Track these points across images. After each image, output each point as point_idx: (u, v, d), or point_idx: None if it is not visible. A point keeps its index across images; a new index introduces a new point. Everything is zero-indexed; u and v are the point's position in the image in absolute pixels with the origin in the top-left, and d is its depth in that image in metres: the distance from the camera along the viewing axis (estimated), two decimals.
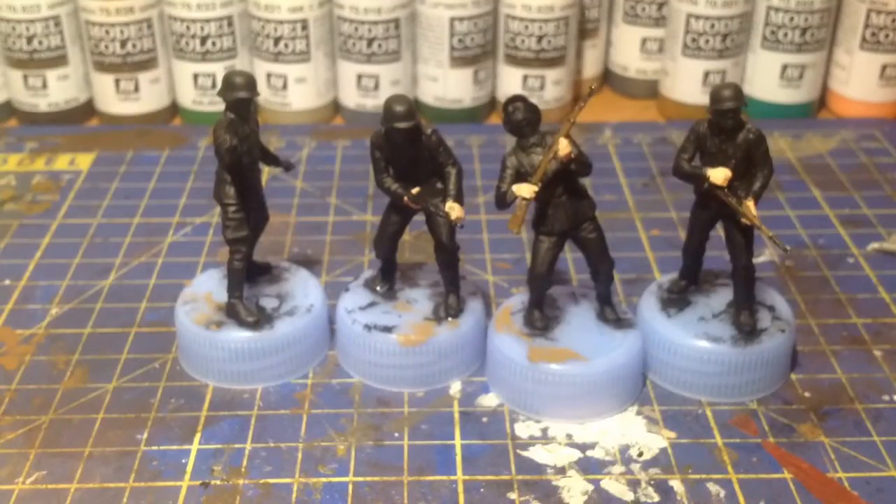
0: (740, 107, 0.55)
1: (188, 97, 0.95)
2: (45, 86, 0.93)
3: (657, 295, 0.63)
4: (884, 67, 0.96)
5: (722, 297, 0.62)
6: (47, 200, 0.81)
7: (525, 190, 0.55)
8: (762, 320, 0.61)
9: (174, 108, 0.97)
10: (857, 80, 0.97)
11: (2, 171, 0.86)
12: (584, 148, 0.57)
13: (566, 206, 0.57)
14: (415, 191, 0.59)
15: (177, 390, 0.61)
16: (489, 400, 0.60)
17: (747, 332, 0.60)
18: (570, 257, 0.71)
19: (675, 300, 0.62)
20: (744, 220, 0.57)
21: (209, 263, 0.73)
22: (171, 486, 0.53)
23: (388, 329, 0.60)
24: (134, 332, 0.66)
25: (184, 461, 0.55)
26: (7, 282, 0.71)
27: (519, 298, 0.63)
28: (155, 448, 0.56)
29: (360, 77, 0.95)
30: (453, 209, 0.57)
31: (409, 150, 0.58)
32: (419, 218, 0.62)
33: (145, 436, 0.57)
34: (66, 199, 0.82)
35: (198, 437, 0.57)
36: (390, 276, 0.64)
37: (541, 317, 0.60)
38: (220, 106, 0.93)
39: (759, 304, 0.62)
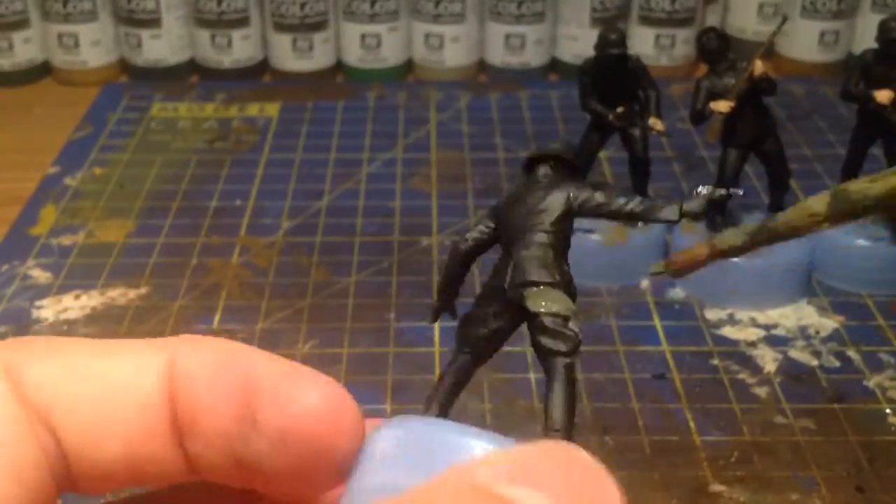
0: None
1: (354, 56, 1.06)
2: (230, 45, 1.04)
3: None
4: None
5: None
6: (250, 140, 0.92)
7: (723, 105, 0.65)
8: None
9: (338, 66, 1.08)
10: None
11: (203, 117, 0.97)
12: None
13: (753, 121, 0.67)
14: (619, 110, 0.69)
15: (409, 283, 0.71)
16: (676, 294, 0.70)
17: None
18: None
19: None
20: None
21: (406, 191, 0.83)
22: (425, 352, 0.64)
23: (590, 231, 0.70)
24: (358, 240, 0.76)
25: (429, 335, 0.65)
26: (238, 202, 0.82)
27: None
28: (404, 324, 0.66)
29: (507, 37, 1.05)
30: (656, 123, 0.67)
31: (615, 75, 0.68)
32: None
33: (393, 315, 0.67)
34: (267, 139, 0.92)
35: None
36: None
37: (722, 219, 0.70)
38: (382, 64, 1.05)
39: None
